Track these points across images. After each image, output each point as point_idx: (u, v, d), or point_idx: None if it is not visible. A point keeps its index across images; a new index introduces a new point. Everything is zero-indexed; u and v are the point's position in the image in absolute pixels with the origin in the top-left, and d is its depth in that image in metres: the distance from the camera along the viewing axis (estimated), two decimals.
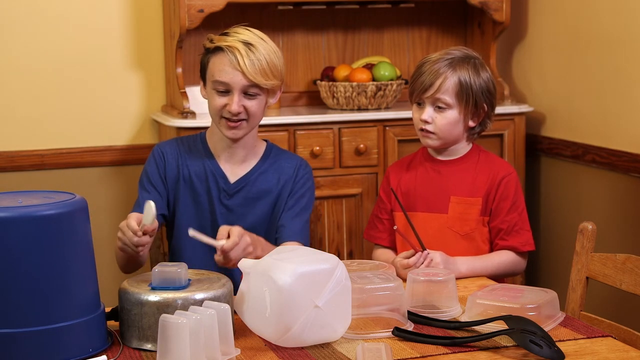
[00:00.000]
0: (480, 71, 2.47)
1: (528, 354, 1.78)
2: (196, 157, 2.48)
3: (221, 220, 2.44)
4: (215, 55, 2.38)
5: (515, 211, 2.46)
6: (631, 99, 3.25)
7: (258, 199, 2.47)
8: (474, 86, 2.44)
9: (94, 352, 1.79)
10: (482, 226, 2.47)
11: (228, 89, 2.37)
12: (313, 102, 3.79)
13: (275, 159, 2.51)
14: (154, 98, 3.68)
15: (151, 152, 2.52)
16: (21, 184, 3.50)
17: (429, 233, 2.45)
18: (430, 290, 2.06)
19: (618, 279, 2.20)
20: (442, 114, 2.44)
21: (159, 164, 2.48)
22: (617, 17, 3.29)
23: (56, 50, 3.54)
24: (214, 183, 2.46)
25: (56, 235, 1.73)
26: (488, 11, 3.67)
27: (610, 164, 3.34)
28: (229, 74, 2.35)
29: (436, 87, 2.43)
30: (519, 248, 2.45)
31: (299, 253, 1.89)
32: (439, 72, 2.43)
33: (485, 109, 2.48)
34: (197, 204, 2.46)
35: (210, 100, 2.41)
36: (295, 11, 3.75)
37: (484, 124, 2.51)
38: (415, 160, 2.58)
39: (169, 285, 1.84)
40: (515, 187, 2.47)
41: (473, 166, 2.50)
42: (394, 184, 2.55)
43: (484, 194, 2.46)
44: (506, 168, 2.51)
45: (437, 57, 2.47)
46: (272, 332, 1.80)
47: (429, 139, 2.48)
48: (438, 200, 2.48)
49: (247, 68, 2.34)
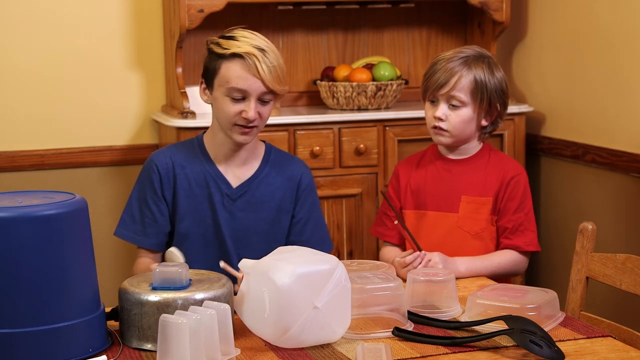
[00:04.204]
0: (495, 70, 2.47)
1: (528, 354, 1.78)
2: (194, 163, 2.44)
3: (225, 225, 2.42)
4: (230, 62, 2.33)
5: (521, 211, 2.46)
6: (631, 99, 3.25)
7: (261, 203, 2.45)
8: (488, 85, 2.44)
9: (94, 352, 1.79)
10: (491, 225, 2.47)
11: (244, 96, 2.33)
12: (313, 102, 3.79)
13: (276, 162, 2.49)
14: (154, 98, 3.68)
15: (144, 165, 2.46)
16: (21, 184, 3.50)
17: (439, 232, 2.46)
18: (430, 290, 2.06)
19: (618, 279, 2.20)
20: (456, 112, 2.44)
21: (154, 180, 2.42)
22: (617, 17, 3.29)
23: (56, 50, 3.54)
24: (215, 188, 2.42)
25: (56, 235, 1.73)
26: (488, 11, 3.67)
27: (610, 164, 3.34)
28: (247, 81, 2.31)
29: (451, 85, 2.42)
30: (522, 247, 2.44)
31: (298, 253, 1.89)
32: (455, 69, 2.43)
33: (498, 108, 2.48)
34: (198, 212, 2.43)
35: (223, 107, 2.35)
36: (295, 11, 3.75)
37: (495, 124, 2.51)
38: (425, 158, 2.58)
39: (169, 285, 1.84)
40: (524, 187, 2.47)
41: (484, 165, 2.50)
42: (403, 182, 2.55)
43: (494, 193, 2.46)
44: (516, 168, 2.51)
45: (451, 55, 2.46)
46: (271, 332, 1.80)
47: (442, 136, 2.47)
48: (449, 199, 2.48)
49: (265, 75, 2.31)
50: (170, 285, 1.84)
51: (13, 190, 1.95)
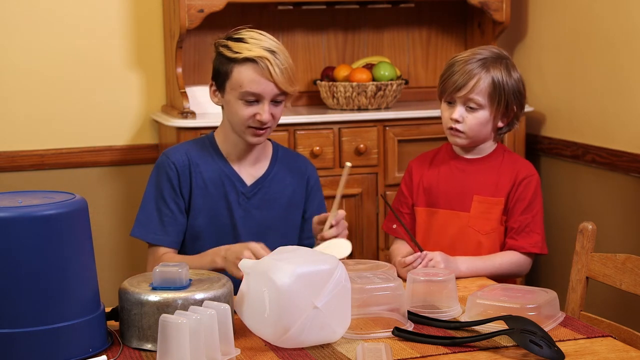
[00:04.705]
0: (512, 72, 2.46)
1: (528, 354, 1.78)
2: (208, 162, 2.44)
3: (240, 223, 2.43)
4: (242, 66, 2.33)
5: (529, 212, 2.45)
6: (631, 99, 3.25)
7: (274, 200, 2.47)
8: (506, 87, 2.43)
9: (94, 352, 1.79)
10: (501, 226, 2.46)
11: (258, 99, 2.34)
12: (313, 102, 3.79)
13: (284, 159, 2.51)
14: (154, 98, 3.68)
15: (159, 163, 2.44)
16: (21, 184, 3.50)
17: (450, 231, 2.46)
18: (430, 290, 2.06)
19: (618, 279, 2.20)
20: (473, 114, 2.43)
21: (173, 178, 2.41)
22: (617, 17, 3.29)
23: (56, 50, 3.54)
24: (231, 187, 2.43)
25: (56, 235, 1.73)
26: (488, 11, 3.67)
27: (610, 164, 3.34)
28: (261, 85, 2.33)
29: (470, 87, 2.42)
30: (526, 248, 2.44)
31: (299, 254, 1.89)
32: (473, 72, 2.42)
33: (515, 109, 2.48)
34: (213, 210, 2.42)
35: (237, 110, 2.36)
36: (295, 11, 3.75)
37: (511, 125, 2.51)
38: (438, 157, 2.57)
39: (169, 285, 1.83)
40: (534, 189, 2.46)
41: (497, 166, 2.49)
42: (416, 179, 2.55)
43: (507, 194, 2.46)
44: (529, 169, 2.50)
45: (468, 56, 2.45)
46: (271, 332, 1.80)
47: (458, 137, 2.47)
48: (461, 198, 2.48)
49: (278, 77, 2.32)
50: (170, 285, 1.83)
51: (13, 190, 1.95)
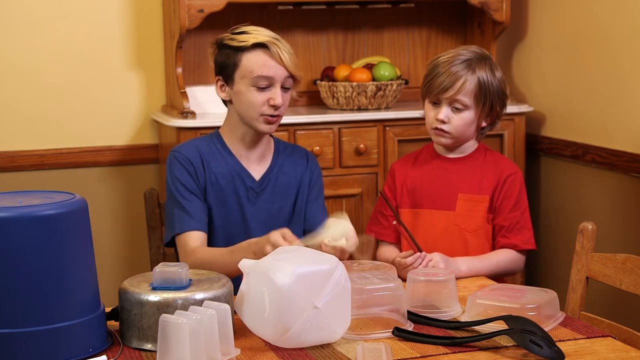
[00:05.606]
0: (495, 71, 2.48)
1: (528, 354, 1.78)
2: (218, 158, 2.45)
3: (251, 218, 2.44)
4: (251, 52, 2.37)
5: (517, 210, 2.47)
6: (631, 99, 3.25)
7: (281, 193, 2.49)
8: (491, 88, 2.45)
9: (94, 352, 1.79)
10: (487, 224, 2.47)
11: (270, 84, 2.37)
12: (313, 102, 3.79)
13: (286, 151, 2.54)
14: (154, 98, 3.68)
15: (173, 159, 2.44)
16: (21, 184, 3.50)
17: (436, 230, 2.46)
18: (430, 290, 2.06)
19: (618, 279, 2.20)
20: (458, 115, 2.45)
21: (190, 170, 2.41)
22: (617, 17, 3.29)
23: (56, 50, 3.54)
24: (240, 182, 2.45)
25: (56, 235, 1.73)
26: (488, 11, 3.67)
27: (610, 164, 3.34)
28: (272, 68, 2.36)
29: (456, 89, 2.42)
30: (520, 246, 2.45)
31: (298, 253, 1.89)
32: (459, 73, 2.42)
33: (497, 109, 2.49)
34: (225, 205, 2.44)
35: (250, 98, 2.38)
36: (295, 11, 3.75)
37: (493, 124, 2.53)
38: (420, 157, 2.59)
39: (169, 285, 1.83)
40: (519, 186, 2.49)
41: (480, 164, 2.51)
42: (399, 181, 2.56)
43: (491, 191, 2.47)
44: (512, 167, 2.53)
45: (452, 57, 2.45)
46: (271, 332, 1.80)
47: (443, 137, 2.48)
48: (445, 197, 2.49)
49: (287, 60, 2.37)
50: (170, 285, 1.84)
51: (13, 190, 1.95)
